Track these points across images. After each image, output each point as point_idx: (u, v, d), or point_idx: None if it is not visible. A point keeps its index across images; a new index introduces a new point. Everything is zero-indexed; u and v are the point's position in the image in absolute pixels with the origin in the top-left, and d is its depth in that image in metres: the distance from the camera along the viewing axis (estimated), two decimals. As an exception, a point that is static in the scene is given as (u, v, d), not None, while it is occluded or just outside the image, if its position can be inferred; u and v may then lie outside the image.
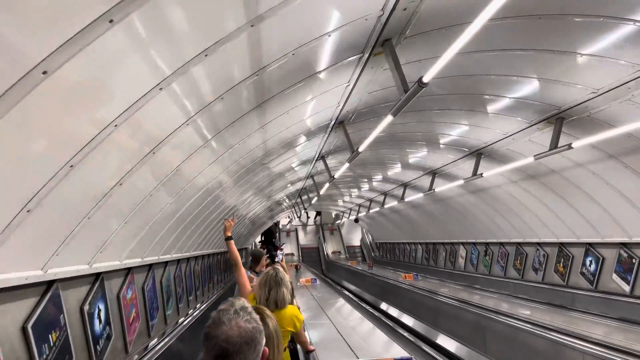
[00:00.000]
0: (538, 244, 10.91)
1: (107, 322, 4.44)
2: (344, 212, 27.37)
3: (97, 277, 4.19)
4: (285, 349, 3.41)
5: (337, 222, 30.94)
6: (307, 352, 4.57)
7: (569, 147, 5.71)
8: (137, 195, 3.70)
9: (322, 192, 10.74)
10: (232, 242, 4.13)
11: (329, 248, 28.35)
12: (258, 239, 26.76)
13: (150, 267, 5.98)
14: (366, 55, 3.84)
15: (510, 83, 5.61)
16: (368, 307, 9.42)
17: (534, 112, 6.26)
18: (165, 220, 5.00)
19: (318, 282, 13.14)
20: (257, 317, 1.44)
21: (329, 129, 6.28)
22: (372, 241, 28.58)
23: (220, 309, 1.42)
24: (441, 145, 9.00)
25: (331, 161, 8.92)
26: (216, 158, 4.65)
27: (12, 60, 1.68)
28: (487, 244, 13.57)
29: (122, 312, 4.85)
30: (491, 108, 6.54)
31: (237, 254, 4.03)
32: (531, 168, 8.23)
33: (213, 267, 12.11)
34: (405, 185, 13.44)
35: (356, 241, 30.82)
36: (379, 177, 14.11)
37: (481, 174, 8.30)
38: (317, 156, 8.29)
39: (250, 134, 4.74)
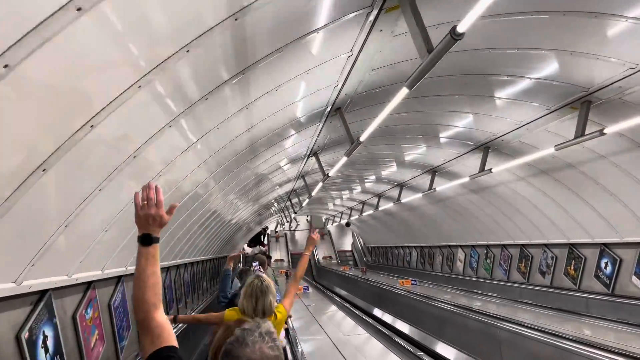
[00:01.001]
0: (546, 245, 10.22)
1: (58, 351, 3.58)
2: (334, 216, 26.58)
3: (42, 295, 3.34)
4: None
5: (325, 227, 30.15)
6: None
7: (601, 133, 4.99)
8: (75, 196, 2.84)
9: (314, 192, 9.92)
10: (179, 316, 3.86)
11: (320, 253, 27.51)
12: (246, 245, 25.92)
13: (118, 280, 5.12)
14: (375, 11, 3.07)
15: (527, 60, 4.86)
16: (365, 317, 8.65)
17: (554, 96, 5.54)
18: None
19: (310, 289, 12.31)
20: (280, 345, 1.39)
21: (324, 117, 5.48)
22: (364, 245, 27.80)
23: (246, 328, 1.39)
24: (442, 140, 8.28)
25: (324, 157, 8.12)
26: (188, 146, 3.79)
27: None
28: (488, 246, 12.87)
29: (80, 336, 3.99)
30: (502, 93, 5.83)
31: (191, 318, 3.92)
32: (544, 162, 7.53)
33: (199, 276, 11.24)
34: (401, 186, 12.69)
35: (347, 246, 30.03)
36: (372, 177, 13.34)
37: (490, 169, 7.57)
38: (309, 152, 7.49)
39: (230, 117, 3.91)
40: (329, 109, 5.16)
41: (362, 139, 4.97)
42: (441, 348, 7.88)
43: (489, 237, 12.32)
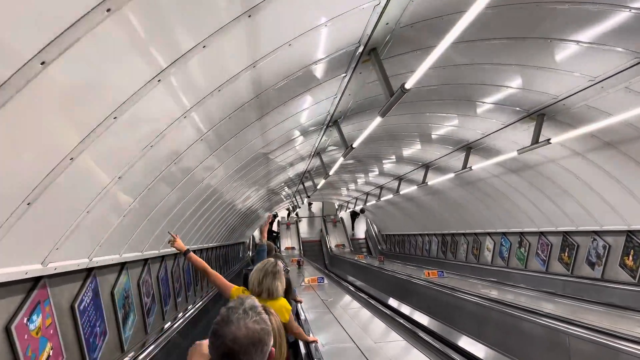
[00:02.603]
0: (596, 232, 8.93)
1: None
2: (348, 202, 25.36)
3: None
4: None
5: (337, 215, 28.98)
6: (308, 343, 4.52)
7: None
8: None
9: (334, 169, 8.63)
10: (191, 253, 3.70)
11: (333, 241, 26.31)
12: (257, 232, 24.91)
13: (89, 272, 3.97)
14: None
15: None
16: (387, 311, 7.45)
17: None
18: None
19: (325, 280, 11.13)
20: (266, 317, 1.41)
21: (354, 63, 4.16)
22: (378, 233, 26.58)
23: (230, 306, 1.41)
24: (482, 106, 6.97)
25: (347, 128, 6.82)
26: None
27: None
28: (522, 233, 11.58)
29: (18, 354, 2.84)
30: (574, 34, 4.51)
31: (201, 263, 3.69)
32: (613, 133, 6.23)
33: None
34: (427, 166, 11.39)
35: (360, 233, 28.83)
36: (392, 157, 12.03)
37: (547, 140, 6.27)
38: (329, 120, 6.21)
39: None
40: (361, 49, 3.89)
41: (408, 85, 3.71)
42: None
43: (525, 223, 11.03)
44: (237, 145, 5.33)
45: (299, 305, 7.08)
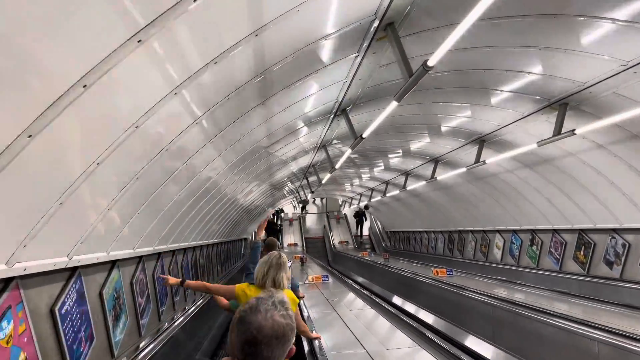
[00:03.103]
0: (615, 230, 8.50)
1: None
2: (351, 198, 24.96)
3: None
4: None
5: (340, 211, 28.57)
6: (311, 340, 4.59)
7: None
8: None
9: (340, 163, 8.20)
10: (188, 281, 3.81)
11: (336, 238, 25.90)
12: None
13: (73, 272, 3.57)
14: None
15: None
16: (395, 312, 7.07)
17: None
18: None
19: (330, 279, 10.75)
20: (292, 314, 1.42)
21: (368, 39, 3.72)
22: (382, 230, 26.16)
23: (260, 297, 1.43)
24: (498, 95, 6.54)
25: (355, 118, 6.38)
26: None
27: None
28: (534, 231, 11.16)
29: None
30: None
31: (200, 284, 3.90)
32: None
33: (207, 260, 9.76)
34: (436, 161, 10.96)
35: (364, 230, 28.42)
36: (399, 152, 11.60)
37: (571, 131, 5.84)
38: (336, 108, 5.79)
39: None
40: (377, 24, 3.44)
41: (431, 62, 3.28)
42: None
43: (538, 220, 10.61)
44: (236, 134, 4.92)
45: (301, 301, 6.76)
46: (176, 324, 6.19)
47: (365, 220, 26.13)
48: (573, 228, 9.57)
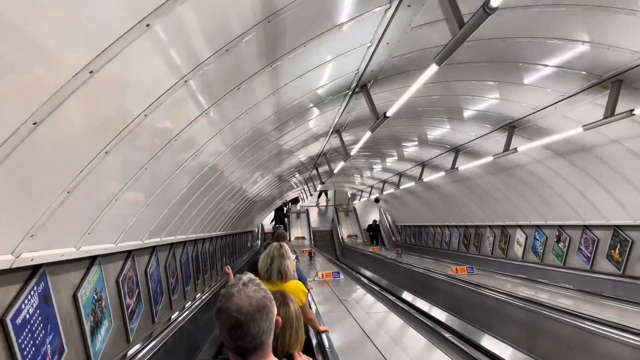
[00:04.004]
0: (658, 227, 7.71)
1: None
2: (361, 191, 24.21)
3: None
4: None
5: (352, 203, 27.82)
6: (318, 333, 4.40)
7: None
8: None
9: (356, 150, 7.43)
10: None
11: (345, 231, 25.17)
12: (270, 218, 23.93)
13: (33, 271, 2.87)
14: None
15: None
16: (412, 312, 6.34)
17: None
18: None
19: (341, 276, 10.03)
20: (265, 287, 1.44)
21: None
22: (393, 224, 25.40)
23: (229, 285, 1.43)
24: (532, 74, 5.74)
25: (378, 94, 5.56)
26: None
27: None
28: (561, 227, 10.37)
29: None
30: None
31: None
32: None
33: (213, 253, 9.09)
34: (457, 150, 10.17)
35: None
36: (415, 140, 10.80)
37: (630, 110, 5.04)
38: (355, 83, 5.01)
39: None
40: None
41: (495, 3, 2.53)
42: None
43: (566, 215, 9.81)
44: (235, 109, 4.18)
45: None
46: (172, 326, 5.51)
47: (380, 234, 24.79)
48: (608, 224, 8.77)
